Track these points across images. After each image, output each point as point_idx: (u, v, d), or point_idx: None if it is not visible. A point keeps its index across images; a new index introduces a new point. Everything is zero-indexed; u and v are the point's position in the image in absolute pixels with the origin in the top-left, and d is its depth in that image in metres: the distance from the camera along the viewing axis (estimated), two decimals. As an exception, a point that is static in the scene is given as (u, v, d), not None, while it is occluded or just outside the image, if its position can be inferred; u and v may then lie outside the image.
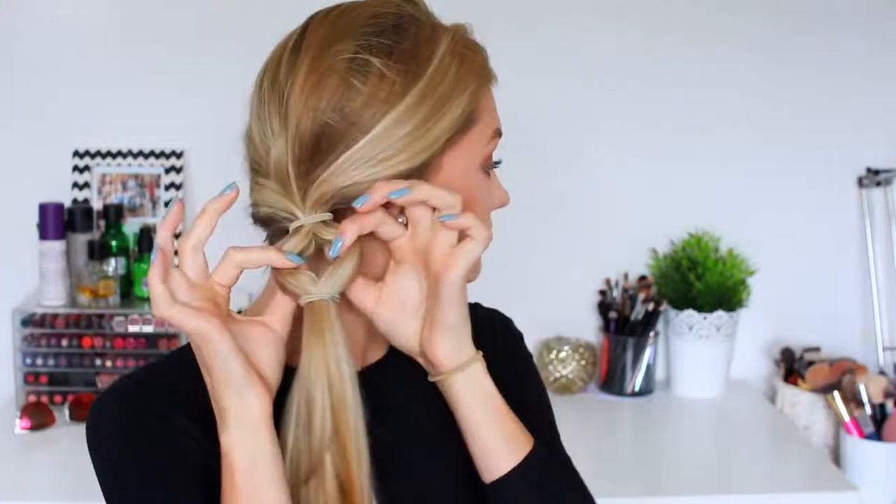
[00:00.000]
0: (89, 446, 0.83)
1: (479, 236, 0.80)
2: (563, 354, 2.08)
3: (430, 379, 0.84)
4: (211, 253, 0.79)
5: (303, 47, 0.80)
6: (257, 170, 0.81)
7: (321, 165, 0.78)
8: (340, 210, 0.80)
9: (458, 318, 0.82)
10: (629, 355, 2.08)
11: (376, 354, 0.91)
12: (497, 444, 0.83)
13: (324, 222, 0.78)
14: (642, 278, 2.13)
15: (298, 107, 0.79)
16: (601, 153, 2.14)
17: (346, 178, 0.78)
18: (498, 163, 0.88)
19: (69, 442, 1.79)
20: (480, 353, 0.85)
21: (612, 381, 2.10)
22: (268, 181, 0.80)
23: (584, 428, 1.98)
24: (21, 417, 1.83)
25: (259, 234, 0.86)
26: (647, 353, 2.09)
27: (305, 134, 0.78)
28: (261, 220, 0.83)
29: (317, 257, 0.80)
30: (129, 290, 1.98)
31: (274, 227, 0.83)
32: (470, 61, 0.82)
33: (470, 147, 0.83)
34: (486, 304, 1.02)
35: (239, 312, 0.84)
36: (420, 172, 0.80)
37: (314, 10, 0.84)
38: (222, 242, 0.82)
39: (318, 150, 0.78)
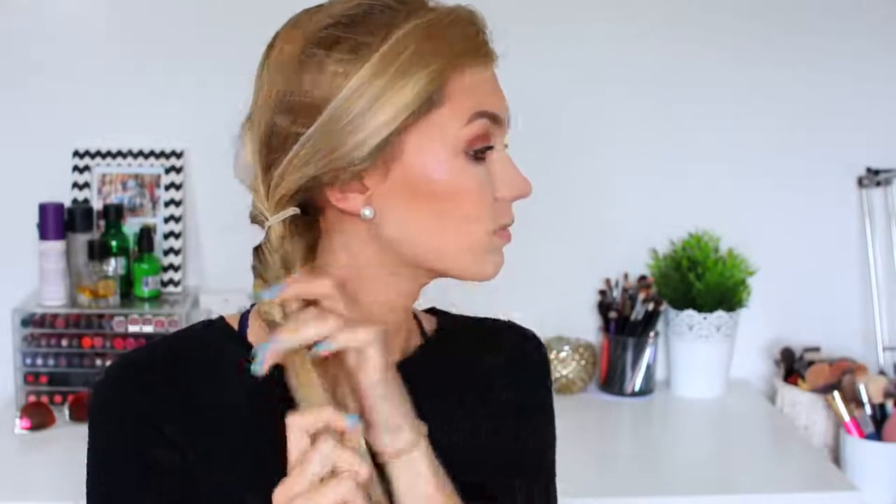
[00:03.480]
0: (88, 423, 0.84)
1: (364, 344, 0.74)
2: (563, 354, 2.08)
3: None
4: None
5: (273, 48, 0.81)
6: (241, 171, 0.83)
7: (275, 164, 0.79)
8: (311, 204, 0.80)
9: (382, 415, 0.77)
10: (629, 355, 2.08)
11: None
12: None
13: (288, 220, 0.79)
14: (642, 278, 2.13)
15: (260, 107, 0.80)
16: (601, 153, 2.14)
17: (302, 175, 0.78)
18: (489, 147, 0.82)
19: (69, 442, 1.79)
20: (419, 438, 0.79)
21: (612, 381, 2.10)
22: (245, 183, 0.82)
23: (584, 428, 1.98)
24: (21, 417, 1.83)
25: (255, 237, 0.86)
26: (647, 353, 2.09)
27: (262, 133, 0.79)
28: (254, 220, 0.83)
29: None
30: (129, 290, 1.98)
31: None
32: (437, 41, 0.78)
33: (437, 130, 0.79)
34: (487, 304, 1.02)
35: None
36: (376, 157, 0.77)
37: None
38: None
39: (271, 148, 0.79)
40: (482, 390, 0.92)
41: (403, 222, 0.80)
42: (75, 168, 2.03)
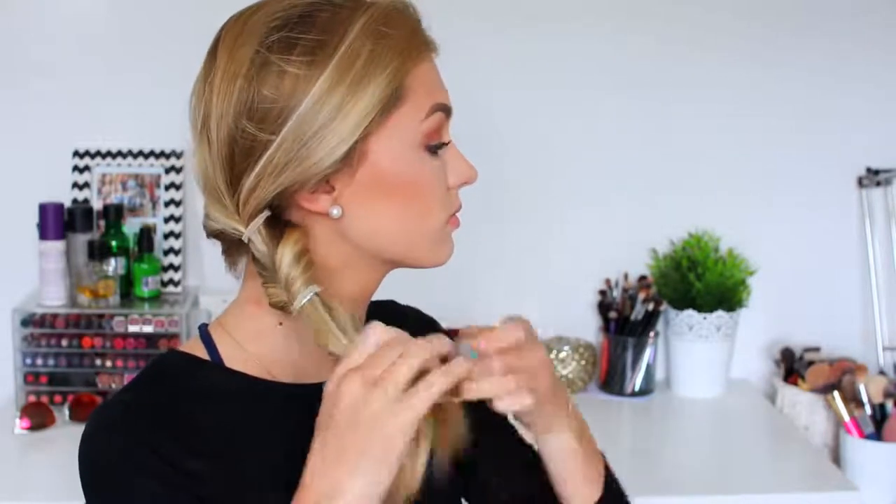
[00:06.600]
0: (87, 482, 0.79)
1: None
2: (563, 354, 2.08)
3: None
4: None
5: (217, 54, 0.80)
6: (199, 184, 0.82)
7: (244, 174, 0.78)
8: (277, 207, 0.80)
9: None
10: (629, 355, 2.08)
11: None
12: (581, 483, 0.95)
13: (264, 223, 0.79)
14: (642, 278, 2.13)
15: (215, 117, 0.78)
16: (601, 153, 2.14)
17: (277, 185, 0.77)
18: (444, 144, 0.83)
19: (69, 442, 1.77)
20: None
21: (612, 381, 2.10)
22: (206, 197, 0.81)
23: (584, 428, 1.98)
24: (21, 417, 1.83)
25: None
26: (647, 353, 2.09)
27: (223, 144, 0.78)
28: (214, 234, 0.83)
29: None
30: (129, 290, 1.98)
31: (227, 240, 0.83)
32: (390, 38, 0.79)
33: (399, 128, 0.80)
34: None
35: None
36: (345, 161, 0.78)
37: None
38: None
39: (235, 158, 0.78)
40: None
41: (369, 218, 0.81)
42: (75, 168, 2.03)
